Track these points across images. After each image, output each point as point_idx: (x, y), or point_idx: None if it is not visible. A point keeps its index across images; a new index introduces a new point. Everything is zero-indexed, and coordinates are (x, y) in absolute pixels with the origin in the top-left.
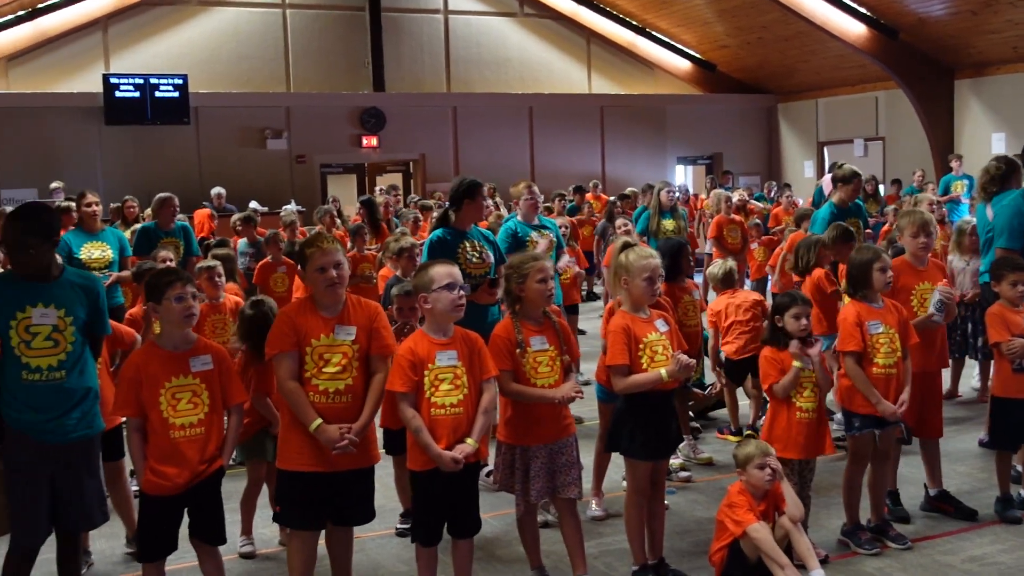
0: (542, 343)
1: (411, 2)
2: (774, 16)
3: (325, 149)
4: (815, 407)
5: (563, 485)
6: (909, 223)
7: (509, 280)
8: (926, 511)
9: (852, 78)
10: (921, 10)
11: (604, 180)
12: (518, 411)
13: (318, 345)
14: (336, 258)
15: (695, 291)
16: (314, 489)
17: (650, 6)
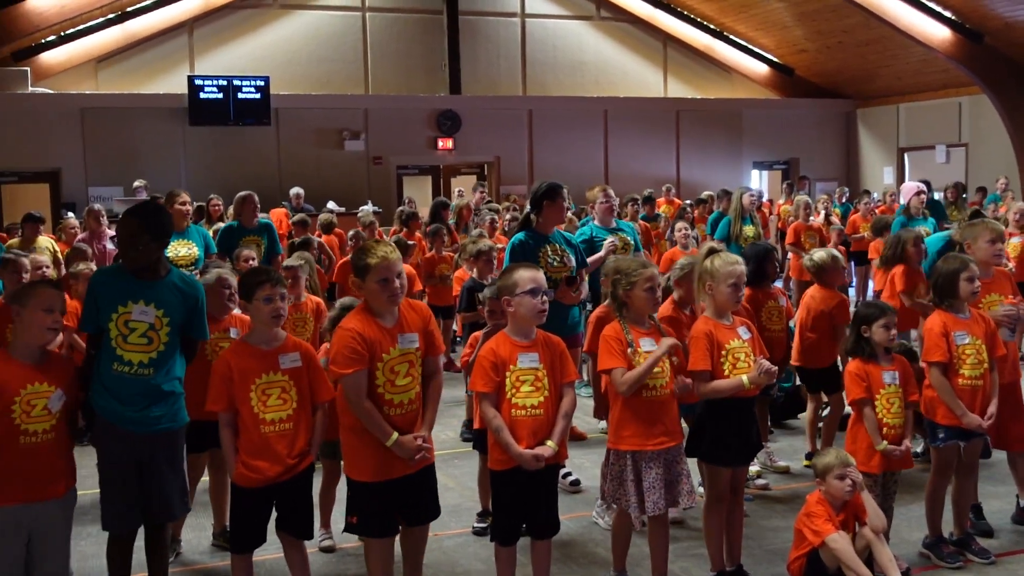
0: (651, 344)
1: (488, 5)
2: (855, 20)
3: (401, 151)
4: (902, 423)
5: (680, 495)
6: (984, 229)
7: (616, 285)
8: (1016, 523)
9: (935, 83)
10: (1008, 14)
11: (679, 184)
12: (629, 413)
13: (389, 359)
14: (398, 268)
15: (781, 297)
16: (385, 497)
17: (728, 10)
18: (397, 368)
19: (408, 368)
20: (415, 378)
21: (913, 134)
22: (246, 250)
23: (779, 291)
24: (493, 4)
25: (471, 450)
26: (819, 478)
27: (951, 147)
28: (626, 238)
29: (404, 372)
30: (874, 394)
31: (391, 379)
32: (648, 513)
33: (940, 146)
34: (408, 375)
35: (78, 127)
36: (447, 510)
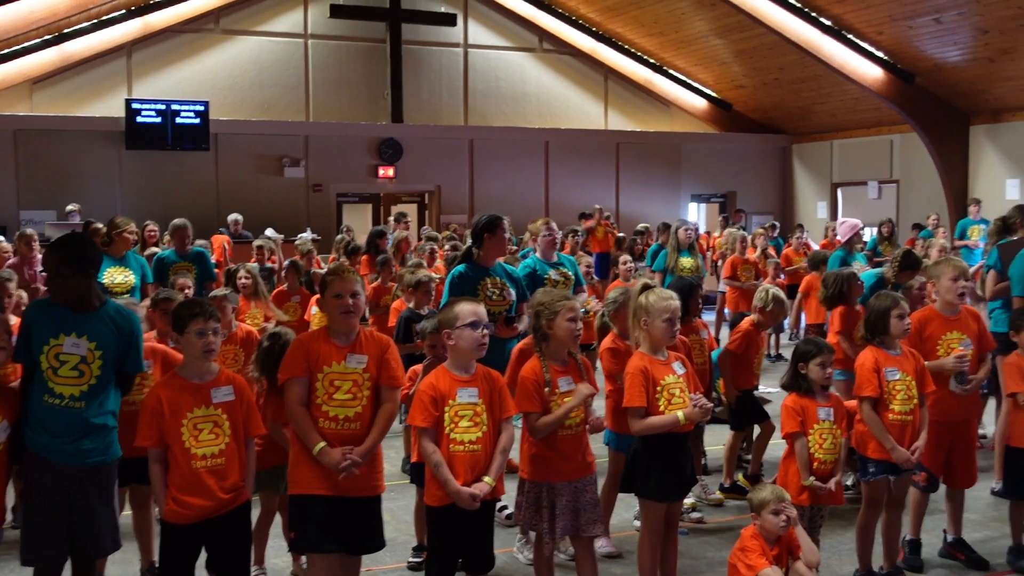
0: (568, 383)
1: (431, 35)
2: (791, 58)
3: (341, 178)
4: (833, 459)
5: (587, 523)
6: (947, 268)
7: (539, 317)
8: (943, 557)
9: (867, 121)
10: (938, 55)
11: (618, 215)
12: (544, 448)
13: (329, 372)
14: (354, 288)
15: (703, 330)
16: (326, 512)
17: (668, 45)
18: (338, 383)
19: (351, 386)
20: (358, 399)
21: (846, 170)
22: (181, 278)
23: (701, 324)
24: (436, 34)
25: (408, 483)
26: (754, 512)
27: (883, 183)
28: (567, 272)
29: (345, 389)
30: (808, 429)
31: (330, 392)
32: (558, 538)
33: (872, 182)
34: (349, 393)
35: (11, 149)
36: None
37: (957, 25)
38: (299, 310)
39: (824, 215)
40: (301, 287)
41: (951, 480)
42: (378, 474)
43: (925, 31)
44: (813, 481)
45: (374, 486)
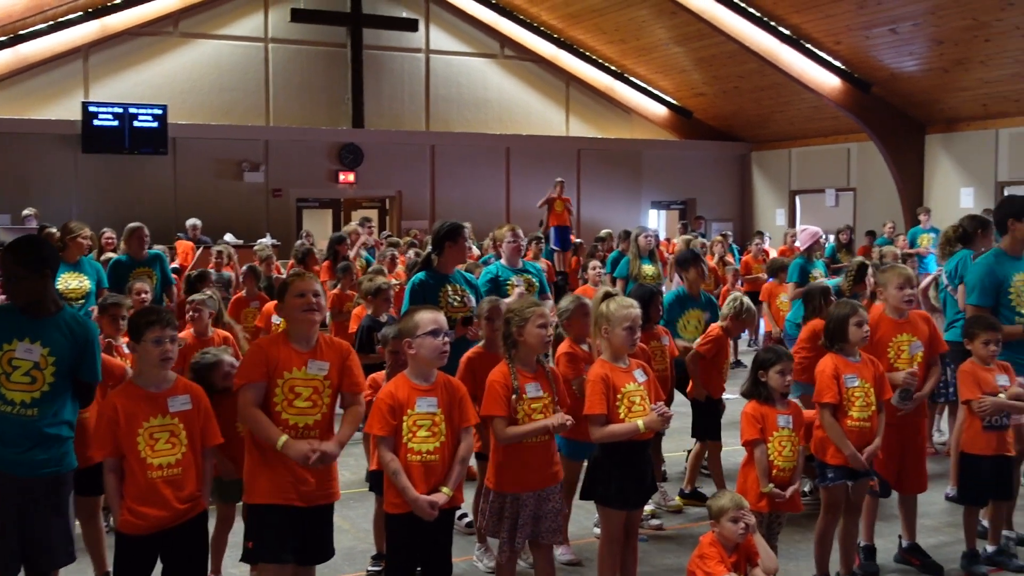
0: (536, 390)
1: (392, 40)
2: (751, 67)
3: (302, 183)
4: (792, 466)
5: (547, 531)
6: (894, 275)
7: (509, 324)
8: (898, 562)
9: (825, 129)
10: (894, 65)
11: (579, 222)
12: (510, 457)
13: (290, 378)
14: (315, 287)
15: (664, 337)
16: (284, 522)
17: (629, 52)
18: (299, 390)
19: (311, 393)
20: (318, 406)
21: (804, 178)
22: (139, 283)
23: (662, 331)
24: (398, 39)
25: (367, 491)
26: (713, 519)
27: (840, 191)
28: (531, 279)
29: (306, 396)
30: (767, 436)
31: (290, 399)
32: (518, 547)
33: (830, 190)
34: (309, 400)
35: None
36: (341, 552)
37: (912, 36)
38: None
39: (783, 222)
40: (260, 292)
41: (902, 486)
42: (335, 481)
43: (882, 41)
44: (772, 488)
45: (330, 493)
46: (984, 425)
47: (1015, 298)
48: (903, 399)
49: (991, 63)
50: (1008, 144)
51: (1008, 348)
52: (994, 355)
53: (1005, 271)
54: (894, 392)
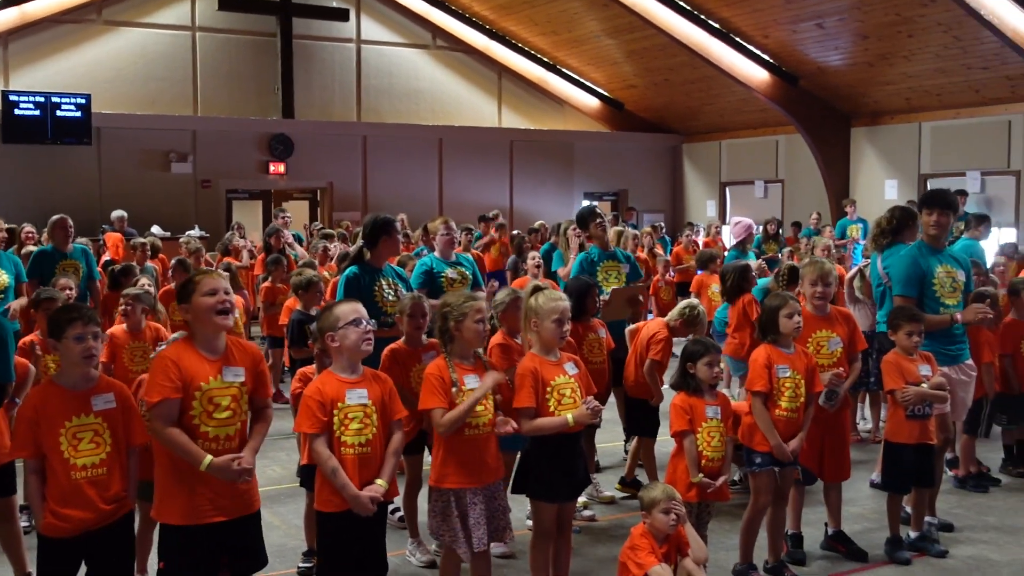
0: (476, 381)
1: (323, 30)
2: (681, 59)
3: (231, 174)
4: (721, 456)
5: (497, 530)
6: (810, 271)
7: (446, 318)
8: (824, 549)
9: (754, 122)
10: (821, 59)
11: (512, 213)
12: (450, 453)
13: (208, 389)
14: (226, 285)
15: (600, 329)
16: (202, 542)
17: (561, 44)
18: (217, 400)
19: (230, 402)
20: (237, 414)
21: (734, 169)
22: (63, 279)
23: (599, 323)
24: (328, 29)
25: (298, 487)
26: (645, 511)
27: (769, 183)
28: (465, 271)
29: (225, 405)
30: (696, 427)
31: (208, 411)
32: (474, 549)
33: (759, 182)
34: (229, 409)
35: None
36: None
37: (838, 30)
38: None
39: (713, 213)
40: None
41: (825, 474)
42: (255, 489)
43: (808, 35)
44: (702, 478)
45: (251, 502)
46: (907, 414)
47: (939, 289)
48: (829, 399)
49: (914, 58)
50: (930, 137)
51: (931, 339)
52: (917, 346)
53: (928, 263)
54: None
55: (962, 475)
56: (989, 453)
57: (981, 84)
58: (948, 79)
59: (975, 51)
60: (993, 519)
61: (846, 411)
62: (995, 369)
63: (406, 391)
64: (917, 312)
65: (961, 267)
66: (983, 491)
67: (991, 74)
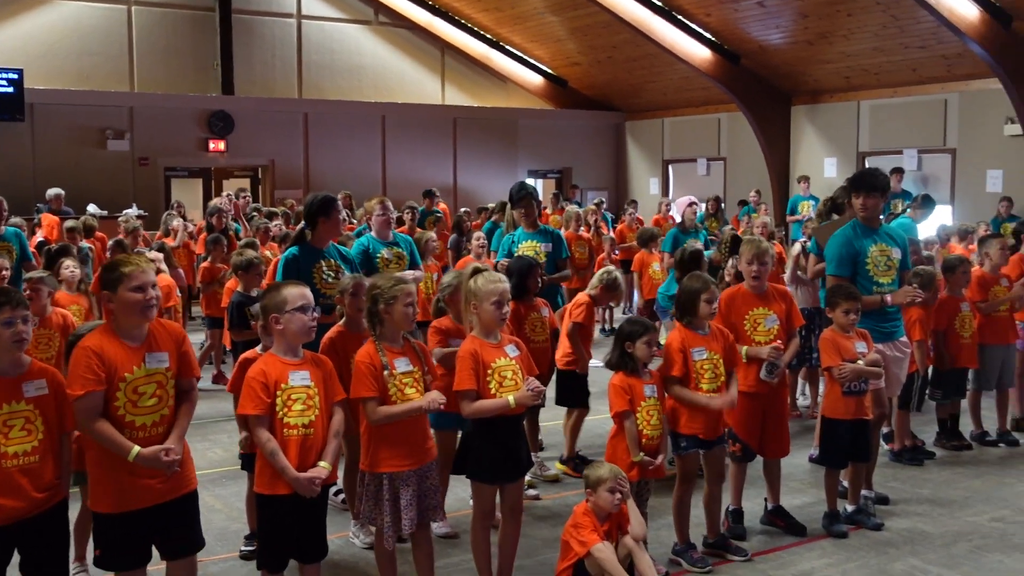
0: (406, 364)
1: (263, 5)
2: (624, 37)
3: (170, 152)
4: (659, 434)
5: (428, 509)
6: (746, 249)
7: (375, 302)
8: (764, 524)
9: (696, 100)
10: (762, 38)
11: (455, 191)
12: (383, 437)
13: (133, 379)
14: (153, 279)
15: (543, 308)
16: (137, 527)
17: (505, 21)
18: (142, 389)
19: (155, 389)
20: (163, 400)
21: (677, 147)
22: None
23: (542, 303)
24: (268, 4)
25: (239, 470)
26: (590, 489)
27: (711, 160)
28: (401, 252)
29: (150, 393)
30: (635, 407)
31: (134, 400)
32: (405, 531)
33: (701, 159)
34: (155, 396)
35: None
36: (213, 533)
37: (779, 9)
38: None
39: (656, 191)
40: None
41: (765, 450)
42: (190, 468)
43: (750, 14)
44: (643, 457)
45: (188, 481)
46: (843, 391)
47: (872, 268)
48: (770, 373)
49: (853, 37)
50: (869, 115)
51: (866, 316)
52: (853, 323)
53: (862, 242)
54: (760, 366)
55: (898, 449)
56: (924, 427)
57: (918, 63)
58: (886, 58)
59: (912, 30)
60: (927, 492)
61: (785, 388)
62: (927, 346)
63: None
64: (854, 290)
65: (897, 245)
66: (918, 464)
67: (928, 53)
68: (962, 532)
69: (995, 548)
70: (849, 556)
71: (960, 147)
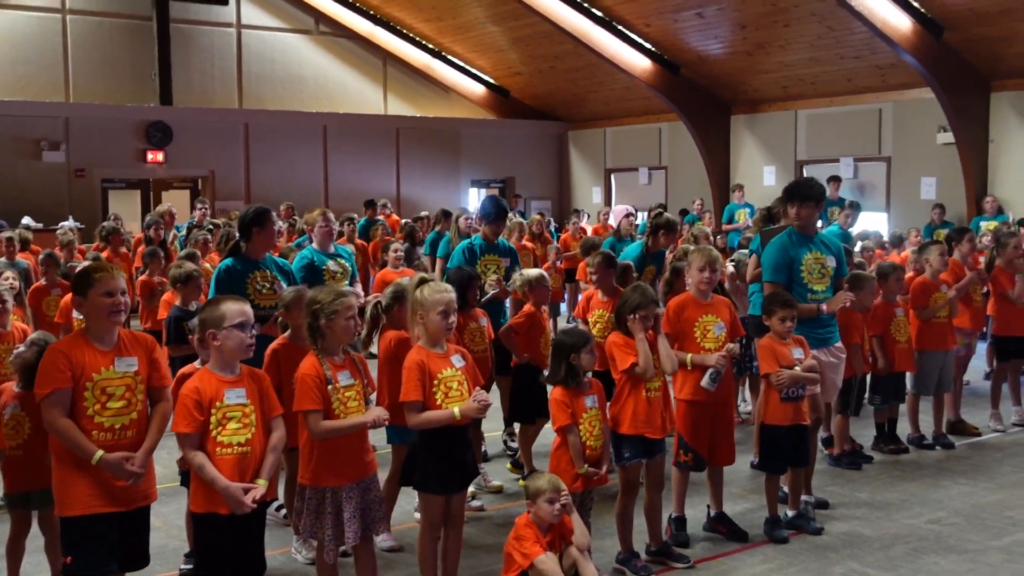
0: (348, 378)
1: (202, 14)
2: (566, 47)
3: (107, 163)
4: (601, 444)
5: (372, 522)
6: (697, 257)
7: (316, 316)
8: (707, 531)
9: (638, 109)
10: (701, 48)
11: (399, 201)
12: (325, 451)
13: (100, 379)
14: (122, 285)
15: (482, 318)
16: (105, 531)
17: (446, 31)
18: (111, 390)
19: (124, 391)
20: (132, 404)
21: (619, 156)
22: None
23: (481, 312)
24: (207, 13)
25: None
26: (530, 500)
27: (653, 169)
28: (345, 264)
29: (119, 395)
30: (578, 420)
31: (102, 401)
32: (348, 544)
33: (643, 168)
34: (123, 399)
35: None
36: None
37: (718, 20)
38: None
39: (599, 200)
40: (60, 280)
41: (712, 458)
42: (153, 479)
43: (689, 24)
44: (587, 468)
45: (149, 493)
46: (781, 397)
47: (807, 276)
48: (713, 380)
49: (790, 47)
50: (806, 125)
51: (802, 323)
52: (790, 330)
53: (797, 250)
54: (703, 373)
55: (837, 453)
56: (863, 431)
57: (853, 73)
58: (822, 68)
59: (847, 41)
60: (865, 495)
61: (731, 396)
62: (863, 351)
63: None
64: (790, 298)
65: (832, 253)
66: (857, 468)
67: (862, 63)
68: (899, 535)
69: (931, 550)
70: (790, 561)
71: (895, 155)
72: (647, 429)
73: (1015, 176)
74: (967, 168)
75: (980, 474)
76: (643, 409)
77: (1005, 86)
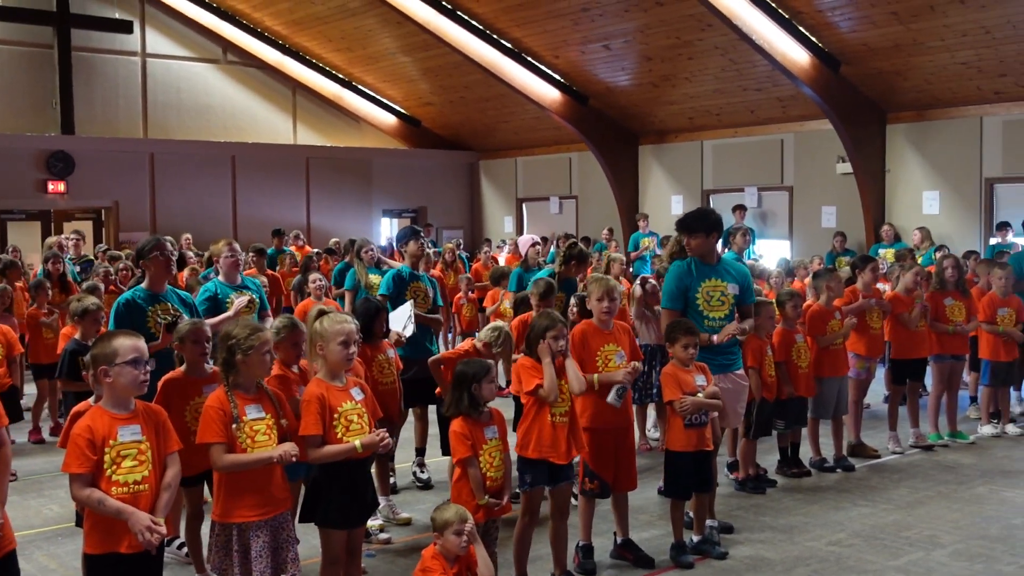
0: (258, 411)
1: (105, 42)
2: (475, 78)
3: (5, 194)
4: (503, 474)
5: (285, 562)
6: (596, 287)
7: (232, 351)
8: (614, 558)
9: (548, 139)
10: (609, 80)
11: (309, 231)
12: (233, 485)
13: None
14: None
15: (390, 350)
16: None
17: (356, 61)
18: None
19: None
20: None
21: (530, 186)
22: None
23: (388, 344)
24: (111, 41)
25: (75, 527)
26: (437, 532)
27: (563, 199)
28: (253, 296)
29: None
30: (478, 451)
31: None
32: None
33: (554, 198)
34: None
35: None
36: None
37: (624, 52)
38: None
39: (511, 229)
40: None
41: (616, 485)
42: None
43: (596, 56)
44: (488, 499)
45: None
46: (685, 423)
47: (703, 303)
48: (619, 396)
49: (695, 80)
50: (712, 155)
51: (705, 350)
52: (692, 357)
53: (693, 278)
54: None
55: (742, 478)
56: (766, 456)
57: (756, 105)
58: (726, 100)
59: (749, 74)
60: (769, 519)
61: (631, 423)
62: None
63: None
64: (692, 325)
65: (735, 280)
66: (761, 492)
67: (764, 95)
68: (801, 557)
69: (831, 571)
70: None
71: (796, 184)
72: (552, 454)
73: (911, 204)
74: (865, 197)
75: (879, 496)
76: (548, 434)
77: (900, 118)
